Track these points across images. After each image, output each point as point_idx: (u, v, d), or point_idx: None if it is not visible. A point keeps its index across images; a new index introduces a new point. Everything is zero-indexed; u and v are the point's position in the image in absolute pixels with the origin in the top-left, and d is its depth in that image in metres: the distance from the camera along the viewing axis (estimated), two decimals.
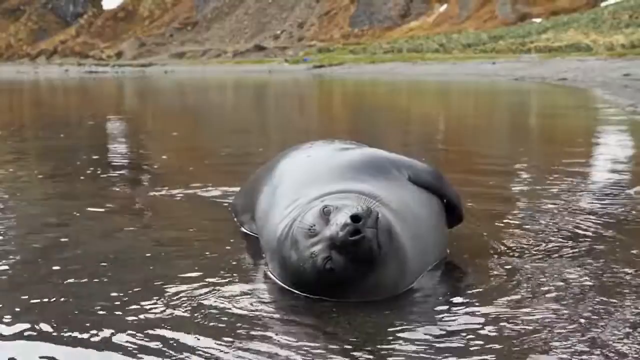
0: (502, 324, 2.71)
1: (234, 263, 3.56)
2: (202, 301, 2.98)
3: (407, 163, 3.64)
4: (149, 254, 3.71)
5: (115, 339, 2.57)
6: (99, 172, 6.65)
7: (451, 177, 4.02)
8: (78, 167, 6.97)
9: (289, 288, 3.09)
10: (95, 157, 7.96)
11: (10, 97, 27.55)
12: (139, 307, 2.90)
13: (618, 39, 61.01)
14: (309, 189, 3.34)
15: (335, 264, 2.79)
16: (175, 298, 3.01)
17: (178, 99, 24.97)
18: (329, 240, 2.80)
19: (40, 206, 5.08)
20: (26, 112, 18.73)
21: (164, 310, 2.87)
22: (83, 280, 3.25)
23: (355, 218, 2.75)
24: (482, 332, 2.64)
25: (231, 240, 3.99)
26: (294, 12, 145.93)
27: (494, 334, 2.62)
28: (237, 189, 5.12)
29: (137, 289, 3.12)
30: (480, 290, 3.10)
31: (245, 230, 4.15)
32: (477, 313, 2.83)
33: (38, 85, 40.64)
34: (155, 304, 2.94)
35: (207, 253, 3.73)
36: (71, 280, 3.25)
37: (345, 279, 2.85)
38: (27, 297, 3.03)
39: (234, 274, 3.36)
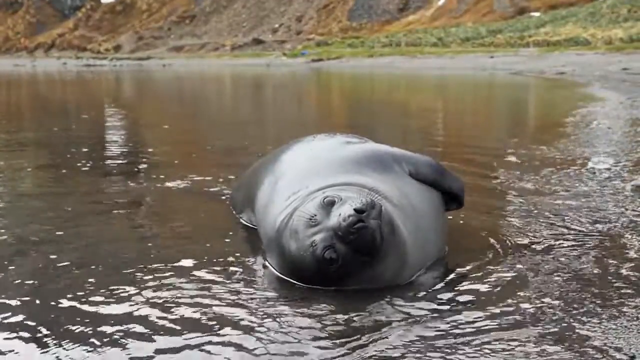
0: (497, 314, 2.73)
1: (233, 254, 3.56)
2: (200, 293, 2.98)
3: (408, 157, 3.64)
4: (146, 247, 3.72)
5: (111, 333, 2.58)
6: (94, 165, 6.66)
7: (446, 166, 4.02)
8: (72, 159, 6.96)
9: (287, 278, 3.10)
10: (90, 150, 7.96)
11: (5, 90, 27.48)
12: (134, 300, 2.91)
13: (617, 33, 60.93)
14: (310, 181, 3.36)
15: (339, 254, 2.81)
16: (173, 290, 3.02)
17: (176, 93, 24.93)
18: (331, 230, 2.82)
19: (34, 199, 5.07)
20: (20, 106, 18.69)
21: (161, 302, 2.87)
22: (79, 274, 3.25)
23: (359, 210, 2.76)
24: (478, 324, 2.65)
25: (229, 232, 4.00)
26: (292, 5, 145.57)
27: (490, 326, 2.63)
28: (235, 181, 5.13)
29: (133, 282, 3.13)
30: (477, 283, 3.12)
31: (243, 222, 4.16)
32: (473, 306, 2.85)
33: (35, 78, 40.53)
34: (152, 296, 2.95)
35: (206, 245, 3.74)
36: (67, 274, 3.25)
37: (346, 270, 2.86)
38: (24, 290, 3.04)
39: (233, 265, 3.37)
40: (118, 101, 19.44)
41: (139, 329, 2.61)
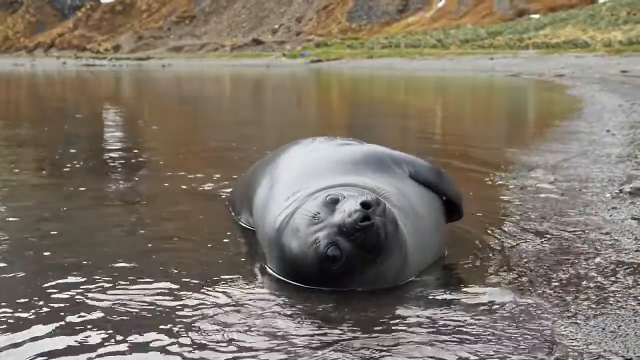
0: (493, 316, 2.73)
1: (230, 256, 3.56)
2: (198, 295, 2.98)
3: (408, 160, 3.65)
4: (144, 247, 3.71)
5: (109, 334, 2.57)
6: (91, 165, 6.67)
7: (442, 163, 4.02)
8: (68, 159, 6.95)
9: (287, 279, 3.09)
10: (86, 150, 7.96)
11: (4, 90, 27.46)
12: (129, 300, 2.90)
13: (616, 35, 60.98)
14: (309, 182, 3.35)
15: (342, 252, 2.80)
16: (171, 291, 3.01)
17: (175, 94, 24.91)
18: (336, 226, 2.82)
19: (28, 198, 5.07)
20: (17, 106, 18.68)
21: (160, 304, 2.87)
22: (78, 274, 3.24)
23: (365, 205, 2.76)
24: (474, 326, 2.66)
25: (228, 233, 4.00)
26: (292, 6, 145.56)
27: (486, 327, 2.63)
28: (234, 182, 5.13)
29: (132, 283, 3.12)
30: (474, 284, 3.12)
31: (242, 224, 4.15)
32: (470, 308, 2.85)
33: (34, 78, 40.49)
34: (151, 297, 2.94)
35: (204, 246, 3.74)
36: (63, 273, 3.24)
37: (349, 267, 2.86)
38: (19, 290, 3.04)
39: (230, 267, 3.36)
40: (117, 102, 19.43)
41: (132, 328, 2.60)
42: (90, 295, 2.95)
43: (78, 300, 2.88)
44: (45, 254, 3.56)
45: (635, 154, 6.96)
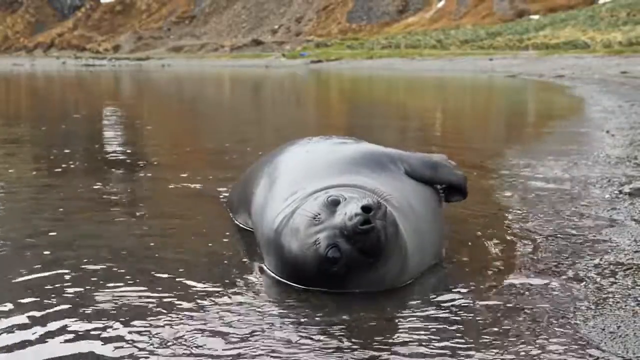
0: (493, 317, 2.73)
1: (229, 257, 3.55)
2: (196, 296, 2.97)
3: (404, 157, 3.65)
4: (142, 248, 3.70)
5: (106, 334, 2.56)
6: (88, 165, 6.65)
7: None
8: (66, 159, 6.95)
9: (286, 281, 3.09)
10: (84, 150, 7.95)
11: (4, 90, 27.46)
12: (132, 301, 2.90)
13: (615, 36, 60.96)
14: (307, 182, 3.34)
15: (342, 254, 2.80)
16: (169, 293, 3.01)
17: (175, 94, 24.91)
18: (337, 228, 2.81)
19: (26, 198, 5.06)
20: (15, 105, 18.68)
21: (158, 305, 2.86)
22: (77, 274, 3.24)
23: (366, 208, 2.76)
24: (473, 327, 2.65)
25: (226, 234, 3.99)
26: (292, 6, 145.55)
27: (486, 329, 2.63)
28: (233, 182, 5.12)
29: (130, 284, 3.11)
30: (473, 286, 3.12)
31: (240, 225, 4.14)
32: (469, 309, 2.84)
33: (34, 78, 40.48)
34: (150, 298, 2.94)
35: (201, 247, 3.72)
36: (64, 273, 3.24)
37: (349, 270, 2.85)
38: (20, 290, 3.03)
39: (229, 269, 3.36)
40: (116, 102, 19.42)
41: (129, 328, 2.60)
42: (88, 295, 2.94)
43: (76, 300, 2.88)
44: (45, 253, 3.55)
45: (635, 155, 6.96)
